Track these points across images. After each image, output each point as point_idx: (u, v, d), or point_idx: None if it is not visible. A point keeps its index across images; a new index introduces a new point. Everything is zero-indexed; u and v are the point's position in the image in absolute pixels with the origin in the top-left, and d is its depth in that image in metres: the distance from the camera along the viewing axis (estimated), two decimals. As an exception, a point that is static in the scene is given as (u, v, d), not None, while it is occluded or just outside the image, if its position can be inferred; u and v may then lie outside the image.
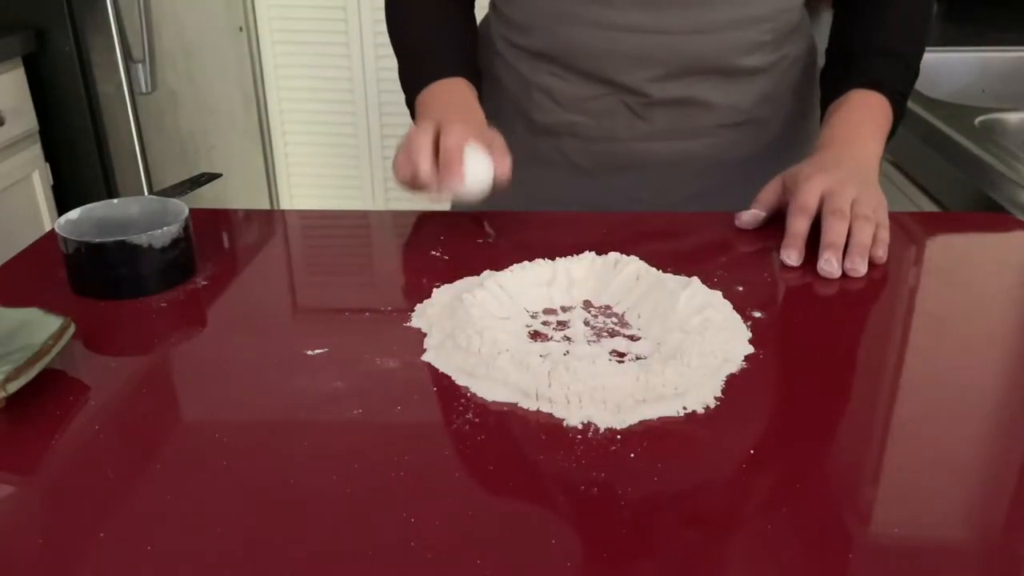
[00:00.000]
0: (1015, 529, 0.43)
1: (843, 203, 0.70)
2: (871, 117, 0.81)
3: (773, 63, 0.87)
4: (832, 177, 0.72)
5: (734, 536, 0.42)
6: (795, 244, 0.70)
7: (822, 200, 0.71)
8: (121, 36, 1.93)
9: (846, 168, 0.74)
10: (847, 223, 0.69)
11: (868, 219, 0.70)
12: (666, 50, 0.82)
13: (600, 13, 0.81)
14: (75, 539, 0.42)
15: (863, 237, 0.69)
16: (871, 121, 0.81)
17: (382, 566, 0.40)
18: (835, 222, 0.69)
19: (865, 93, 0.82)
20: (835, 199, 0.70)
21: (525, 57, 0.88)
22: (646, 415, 0.50)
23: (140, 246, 0.64)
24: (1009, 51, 1.54)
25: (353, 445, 0.49)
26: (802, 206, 0.71)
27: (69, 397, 0.53)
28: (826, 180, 0.72)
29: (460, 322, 0.57)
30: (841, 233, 0.69)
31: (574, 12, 0.82)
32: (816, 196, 0.71)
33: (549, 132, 0.90)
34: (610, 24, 0.81)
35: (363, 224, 0.85)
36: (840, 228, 0.69)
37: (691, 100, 0.85)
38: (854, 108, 0.82)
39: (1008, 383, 0.55)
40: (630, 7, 0.80)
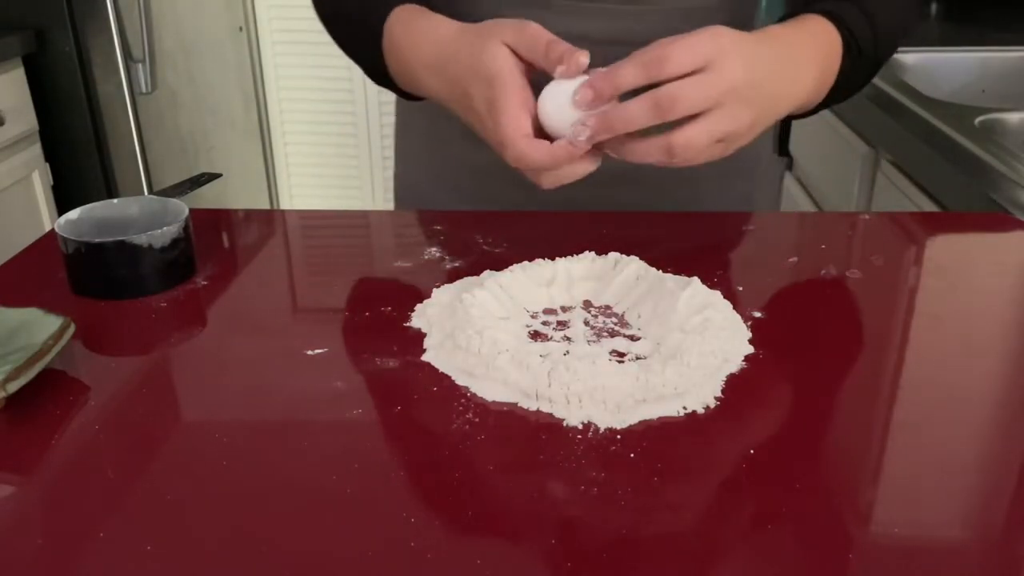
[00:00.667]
0: (1015, 529, 0.43)
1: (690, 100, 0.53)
2: (817, 41, 0.67)
3: None
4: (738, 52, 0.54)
5: (734, 536, 0.42)
6: (602, 82, 0.54)
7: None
8: (121, 36, 1.93)
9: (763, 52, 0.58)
10: (657, 119, 0.53)
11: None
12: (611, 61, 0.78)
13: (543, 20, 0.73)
14: (75, 539, 0.42)
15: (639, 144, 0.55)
16: (815, 45, 0.66)
17: (382, 566, 0.40)
18: (644, 109, 0.53)
19: (817, 18, 0.68)
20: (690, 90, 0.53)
21: None
22: (646, 415, 0.50)
23: (140, 246, 0.64)
24: (1009, 51, 1.54)
25: (353, 445, 0.49)
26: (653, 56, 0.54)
27: (69, 397, 0.53)
28: (706, 52, 0.54)
29: (460, 322, 0.57)
30: (633, 124, 0.54)
31: (505, 16, 0.78)
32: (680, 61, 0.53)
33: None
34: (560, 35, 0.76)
35: (363, 224, 0.85)
36: (638, 118, 0.54)
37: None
38: (799, 24, 0.67)
39: (1008, 383, 0.55)
40: (574, 15, 0.76)
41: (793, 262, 0.71)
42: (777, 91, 0.60)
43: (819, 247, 0.75)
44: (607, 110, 0.53)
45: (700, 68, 0.53)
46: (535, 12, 0.75)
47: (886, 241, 0.77)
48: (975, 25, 1.76)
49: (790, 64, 0.62)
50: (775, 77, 0.59)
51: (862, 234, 0.79)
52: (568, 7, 0.76)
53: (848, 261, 0.71)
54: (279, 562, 0.41)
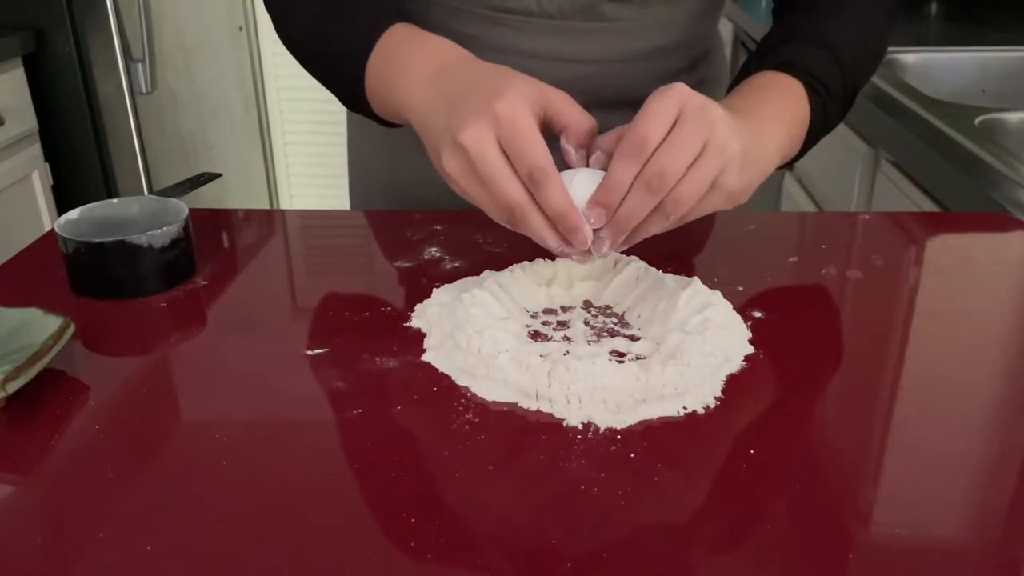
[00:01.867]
0: (1015, 529, 0.43)
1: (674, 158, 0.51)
2: (774, 99, 0.64)
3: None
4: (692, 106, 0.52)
5: (734, 536, 0.42)
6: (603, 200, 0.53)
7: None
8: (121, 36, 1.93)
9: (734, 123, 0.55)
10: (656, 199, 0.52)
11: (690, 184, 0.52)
12: (574, 80, 0.72)
13: (503, 37, 0.75)
14: (75, 539, 0.42)
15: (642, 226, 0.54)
16: (773, 103, 0.64)
17: (382, 566, 0.40)
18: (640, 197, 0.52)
19: (772, 74, 0.66)
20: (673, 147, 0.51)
21: None
22: (646, 415, 0.50)
23: (140, 246, 0.64)
24: (1009, 51, 1.54)
25: (353, 445, 0.49)
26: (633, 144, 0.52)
27: (69, 397, 0.53)
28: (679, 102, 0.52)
29: (460, 322, 0.57)
30: (637, 215, 0.53)
31: (475, 35, 0.75)
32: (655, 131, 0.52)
33: None
34: (514, 50, 0.75)
35: (363, 224, 0.85)
36: (638, 208, 0.53)
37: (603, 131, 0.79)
38: (751, 87, 0.65)
39: (1008, 383, 0.55)
40: (535, 32, 0.74)
41: (793, 262, 0.71)
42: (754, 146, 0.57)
43: (819, 247, 0.75)
44: (614, 219, 0.54)
45: (674, 123, 0.52)
46: (505, 31, 0.75)
47: (886, 241, 0.77)
48: (975, 25, 1.76)
49: (757, 128, 0.59)
50: (748, 136, 0.57)
51: (862, 234, 0.79)
52: (537, 25, 0.74)
53: (848, 261, 0.71)
54: (279, 562, 0.40)
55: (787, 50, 0.68)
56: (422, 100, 0.60)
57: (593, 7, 0.73)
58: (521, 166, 0.52)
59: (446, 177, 0.56)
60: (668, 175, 0.51)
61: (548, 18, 0.74)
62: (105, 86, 1.95)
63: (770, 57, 0.68)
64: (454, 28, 0.76)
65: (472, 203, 0.56)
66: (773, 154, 0.61)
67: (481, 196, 0.54)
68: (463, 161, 0.53)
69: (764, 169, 0.59)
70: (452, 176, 0.55)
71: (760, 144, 0.59)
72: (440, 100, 0.58)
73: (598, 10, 0.73)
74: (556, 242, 0.54)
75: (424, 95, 0.60)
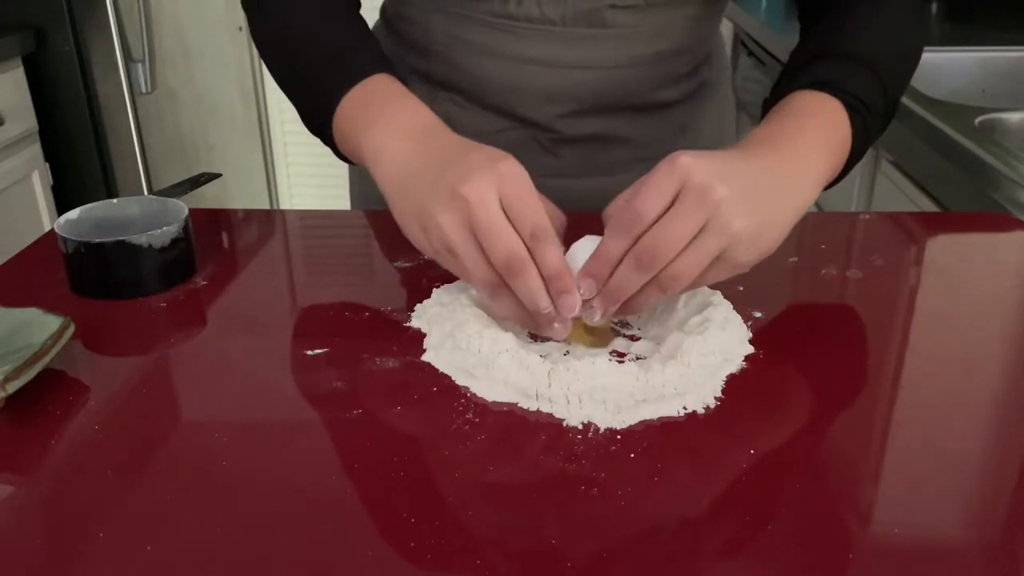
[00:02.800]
0: (1015, 529, 0.43)
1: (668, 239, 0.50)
2: (812, 123, 0.61)
3: (690, 92, 0.82)
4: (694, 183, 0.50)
5: (734, 536, 0.42)
6: (593, 271, 0.53)
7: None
8: (121, 36, 1.93)
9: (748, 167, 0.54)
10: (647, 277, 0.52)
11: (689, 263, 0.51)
12: (577, 86, 0.75)
13: (506, 44, 0.74)
14: (75, 539, 0.42)
15: (637, 297, 0.53)
16: (812, 127, 0.61)
17: (382, 566, 0.40)
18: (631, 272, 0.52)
19: (806, 94, 0.63)
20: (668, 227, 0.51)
21: (422, 83, 0.80)
22: (646, 415, 0.50)
23: (140, 246, 0.64)
24: (1009, 51, 1.54)
25: (353, 445, 0.49)
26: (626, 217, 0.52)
27: (69, 397, 0.53)
28: (681, 178, 0.51)
29: (460, 322, 0.57)
30: (628, 289, 0.52)
31: (478, 41, 0.75)
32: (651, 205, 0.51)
33: None
34: (517, 56, 0.74)
35: (363, 224, 0.85)
36: (629, 283, 0.52)
37: (605, 136, 0.79)
38: (786, 114, 0.62)
39: (1008, 383, 0.55)
40: (538, 39, 0.74)
41: (793, 262, 0.71)
42: (784, 194, 0.55)
43: (819, 247, 0.75)
44: (605, 290, 0.53)
45: (672, 201, 0.51)
46: (508, 38, 0.74)
47: (886, 241, 0.77)
48: (975, 25, 1.76)
49: (792, 164, 0.57)
50: (778, 181, 0.55)
51: (862, 234, 0.79)
52: (539, 32, 0.74)
53: (848, 261, 0.71)
54: (279, 562, 0.40)
55: (823, 67, 0.64)
56: (403, 153, 0.59)
57: (595, 14, 0.73)
58: (524, 224, 0.52)
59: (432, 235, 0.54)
60: (659, 254, 0.51)
61: (550, 25, 0.74)
62: (105, 86, 1.95)
63: (804, 76, 0.64)
64: (456, 34, 0.76)
65: (450, 268, 0.55)
66: (811, 189, 0.58)
67: (471, 253, 0.53)
68: (461, 214, 0.52)
69: (792, 219, 0.56)
70: (445, 230, 0.53)
71: (792, 186, 0.56)
72: (426, 159, 0.57)
73: (600, 17, 0.73)
74: (547, 303, 0.52)
75: (404, 148, 0.59)
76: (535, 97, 0.77)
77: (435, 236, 0.54)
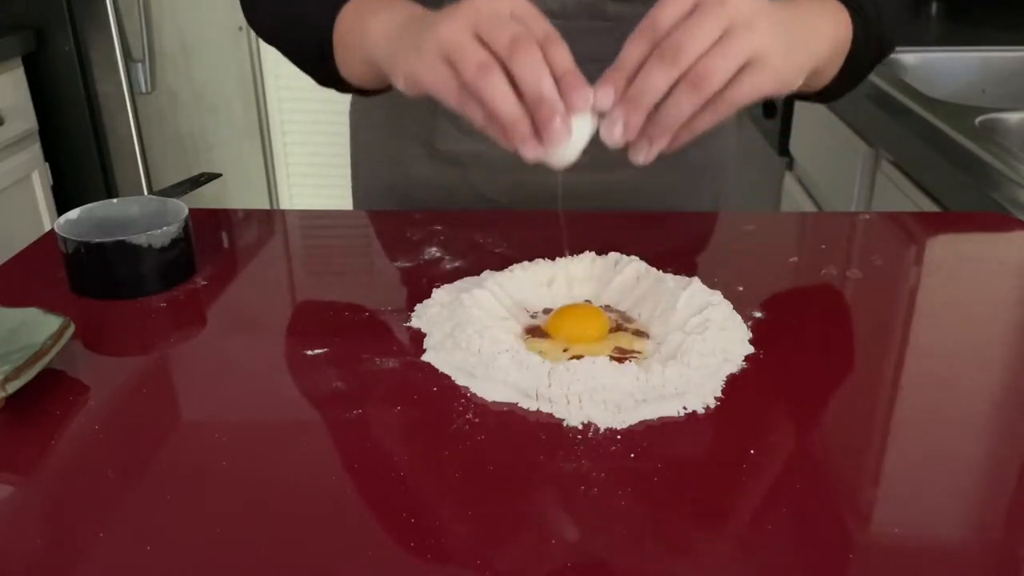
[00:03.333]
0: (1015, 529, 0.43)
1: (692, 35, 0.49)
2: (817, 5, 0.61)
3: None
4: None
5: (734, 536, 0.42)
6: (611, 78, 0.51)
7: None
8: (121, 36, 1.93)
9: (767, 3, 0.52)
10: (672, 72, 0.49)
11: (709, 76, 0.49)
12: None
13: None
14: (75, 539, 0.42)
15: (674, 109, 0.50)
16: (817, 7, 0.61)
17: (382, 566, 0.40)
18: (654, 67, 0.49)
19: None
20: (690, 26, 0.49)
21: None
22: (646, 415, 0.50)
23: (140, 246, 0.64)
24: (1009, 51, 1.54)
25: (353, 445, 0.49)
26: (644, 25, 0.50)
27: (69, 397, 0.53)
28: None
29: (460, 322, 0.57)
30: (652, 88, 0.50)
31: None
32: (671, 11, 0.50)
33: (455, 162, 0.81)
34: None
35: (363, 224, 0.85)
36: (653, 80, 0.50)
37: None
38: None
39: (1008, 383, 0.55)
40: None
41: (793, 262, 0.71)
42: (799, 30, 0.55)
43: (819, 247, 0.75)
44: (627, 94, 0.51)
45: (696, 6, 0.50)
46: None
47: (886, 241, 0.77)
48: (975, 25, 1.76)
49: (804, 16, 0.58)
50: (792, 20, 0.54)
51: (862, 234, 0.79)
52: None
53: (848, 261, 0.71)
54: (279, 562, 0.40)
55: None
56: (401, 16, 0.59)
57: (596, 6, 0.73)
58: (536, 29, 0.51)
59: (426, 45, 0.52)
60: (683, 47, 0.48)
61: (551, 16, 0.73)
62: (105, 86, 1.95)
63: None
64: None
65: (440, 78, 0.52)
66: (822, 44, 0.58)
67: (471, 43, 0.51)
68: (467, 19, 0.51)
69: (811, 56, 0.55)
70: (446, 31, 0.51)
71: (806, 31, 0.56)
72: (426, 14, 0.57)
73: (601, 9, 0.73)
74: (550, 84, 0.50)
75: (404, 13, 0.59)
76: None
77: (432, 47, 0.52)
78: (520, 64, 0.50)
